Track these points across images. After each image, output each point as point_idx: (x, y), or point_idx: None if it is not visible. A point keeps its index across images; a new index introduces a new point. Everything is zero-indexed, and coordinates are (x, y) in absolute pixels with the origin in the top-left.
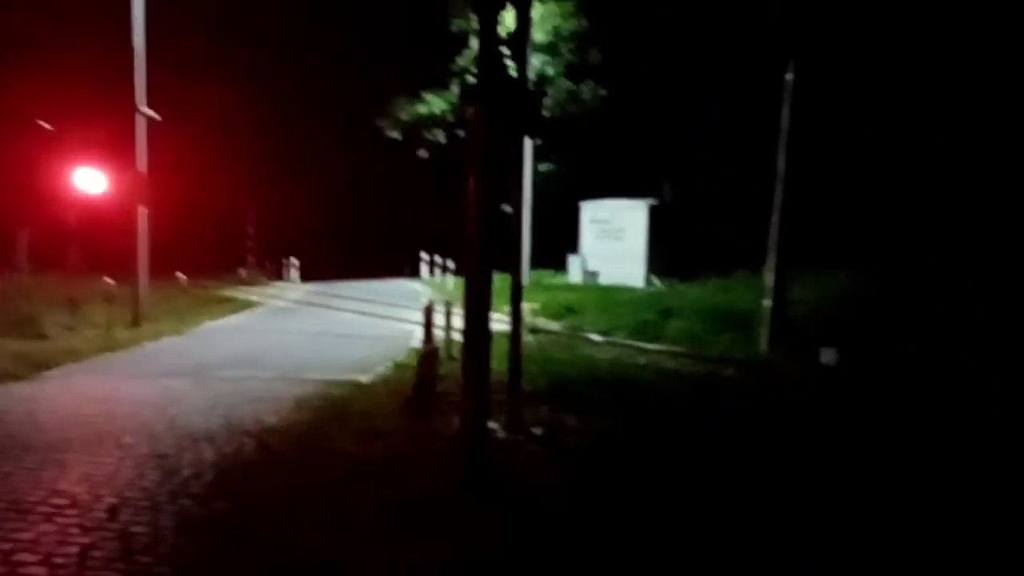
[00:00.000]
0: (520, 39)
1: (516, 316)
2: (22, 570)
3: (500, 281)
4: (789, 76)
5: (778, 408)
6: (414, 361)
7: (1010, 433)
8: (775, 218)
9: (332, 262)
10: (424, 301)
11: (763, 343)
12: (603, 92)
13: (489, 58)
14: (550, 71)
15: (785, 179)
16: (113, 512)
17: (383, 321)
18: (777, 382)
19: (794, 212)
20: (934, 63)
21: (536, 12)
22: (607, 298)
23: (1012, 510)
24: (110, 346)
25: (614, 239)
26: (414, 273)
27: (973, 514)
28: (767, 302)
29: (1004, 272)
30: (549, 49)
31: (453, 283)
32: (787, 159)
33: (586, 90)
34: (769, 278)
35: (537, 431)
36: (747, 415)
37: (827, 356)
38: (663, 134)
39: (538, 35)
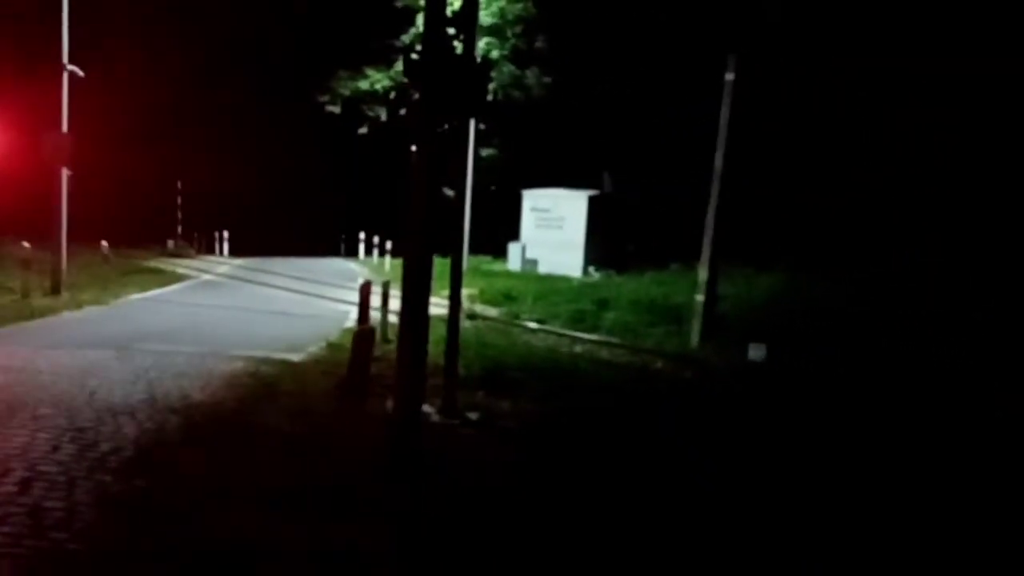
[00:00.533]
0: (467, 17)
1: (455, 300)
2: None
3: (439, 265)
4: (729, 76)
5: (705, 400)
6: (348, 341)
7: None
8: (710, 214)
9: (265, 237)
10: (360, 281)
11: (695, 337)
12: (548, 79)
13: (435, 34)
14: (495, 54)
15: (721, 176)
16: (25, 486)
17: (317, 300)
18: (706, 375)
19: (729, 209)
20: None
21: None
22: (545, 287)
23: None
24: (26, 314)
25: (554, 228)
26: (350, 252)
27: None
28: (699, 297)
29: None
30: (495, 32)
31: (390, 263)
32: (724, 156)
33: (531, 76)
34: (702, 273)
35: (472, 416)
36: (676, 405)
37: (755, 352)
38: (606, 125)
39: (484, 17)
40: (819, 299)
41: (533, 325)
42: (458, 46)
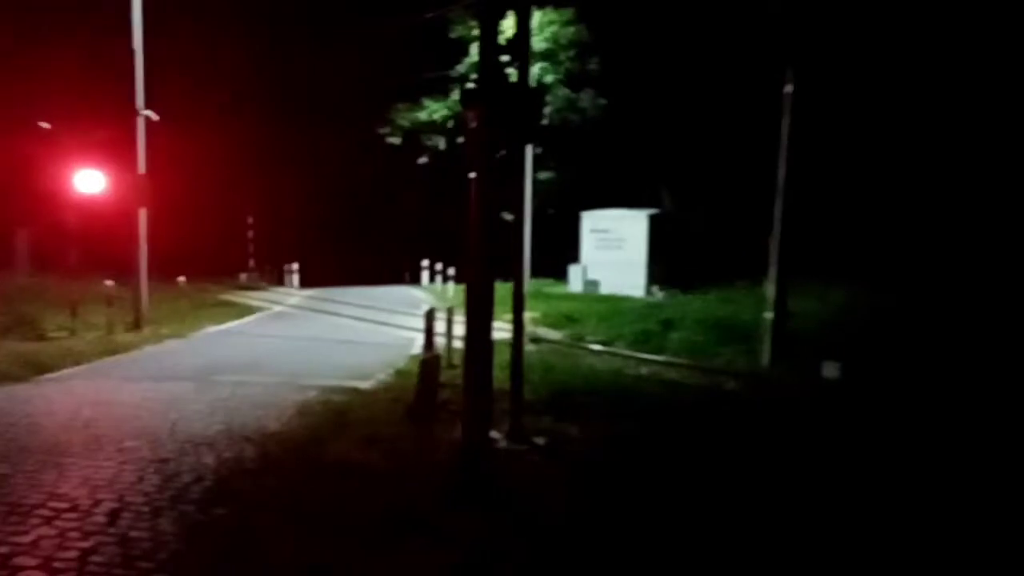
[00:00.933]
0: (520, 44)
1: (518, 324)
2: (21, 574)
3: (501, 289)
4: (788, 88)
5: (780, 421)
6: (415, 368)
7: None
8: (775, 229)
9: (332, 268)
10: (425, 308)
11: (765, 356)
12: (602, 100)
13: (489, 63)
14: (549, 78)
15: (784, 190)
16: (113, 516)
17: (383, 328)
18: (779, 395)
19: (794, 223)
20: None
21: (535, 19)
22: (608, 308)
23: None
24: (111, 349)
25: (615, 248)
26: (414, 280)
27: (982, 528)
28: (768, 314)
29: (1011, 283)
30: (548, 56)
31: (453, 290)
32: (787, 170)
33: (585, 98)
34: (770, 290)
35: (539, 441)
36: (749, 428)
37: (830, 370)
38: (663, 143)
39: (537, 42)
40: (893, 313)
41: (597, 347)
42: (512, 73)
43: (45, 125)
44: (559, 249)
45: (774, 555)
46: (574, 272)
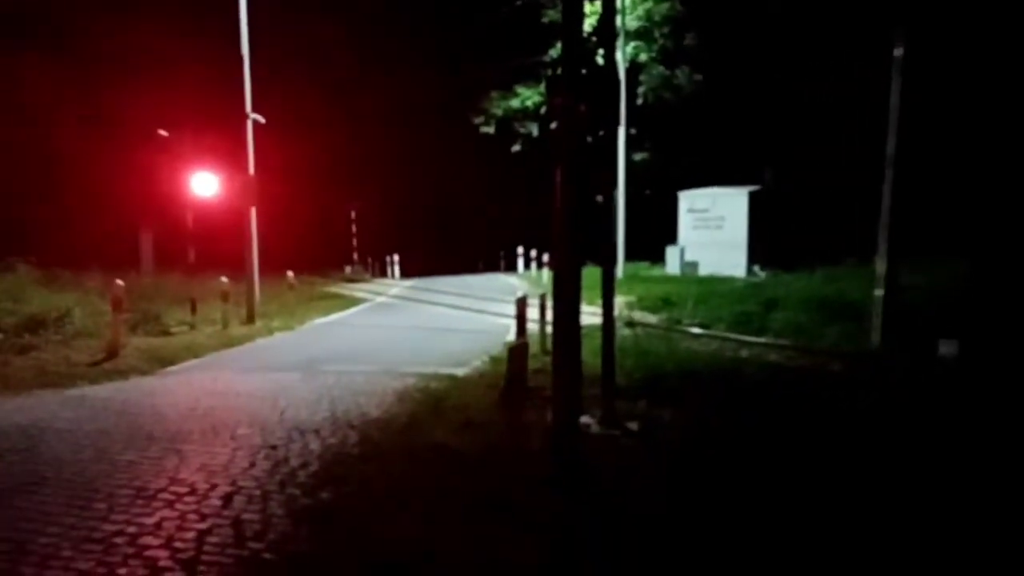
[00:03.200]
0: (607, 26)
1: (608, 308)
2: (147, 553)
3: (593, 273)
4: (898, 51)
5: (892, 405)
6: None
7: None
8: (885, 203)
9: (431, 257)
10: (519, 295)
11: (875, 335)
12: (699, 77)
13: (574, 47)
14: (643, 57)
15: (895, 161)
16: (227, 500)
17: (479, 315)
18: (890, 376)
19: (906, 196)
20: None
21: None
22: (706, 289)
23: None
24: (226, 342)
25: (714, 228)
26: (510, 267)
27: None
28: (879, 291)
29: None
30: (642, 35)
31: (548, 276)
32: (897, 140)
33: (681, 75)
34: (881, 266)
35: (632, 426)
36: (858, 412)
37: (947, 348)
38: (764, 118)
39: (630, 21)
40: (1016, 287)
41: (695, 330)
42: (601, 53)
43: (164, 133)
44: (656, 231)
45: (868, 556)
46: (671, 253)
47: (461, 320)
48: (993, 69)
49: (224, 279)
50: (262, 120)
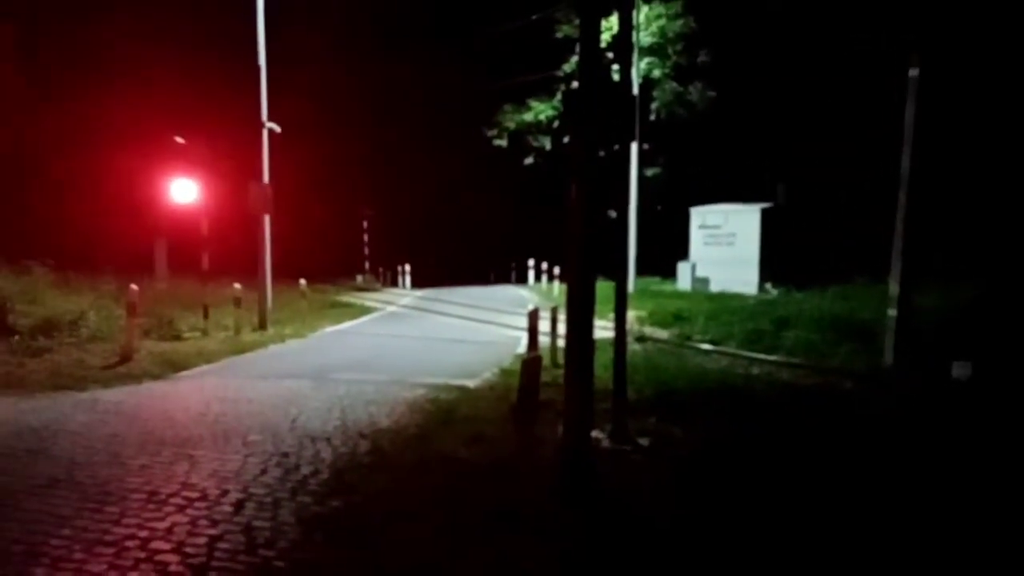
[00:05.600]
0: (623, 42)
1: (620, 323)
2: (158, 557)
3: (605, 288)
4: (914, 72)
5: (903, 426)
6: (519, 367)
7: None
8: (899, 222)
9: (443, 268)
10: (530, 307)
11: (887, 355)
12: (712, 93)
13: (590, 62)
14: (657, 73)
15: (909, 181)
16: (238, 506)
17: (490, 327)
18: (902, 397)
19: (920, 216)
20: None
21: (642, 14)
22: (718, 306)
23: None
24: (238, 348)
25: (725, 244)
26: (521, 279)
27: None
28: (892, 311)
29: None
30: (656, 51)
31: (558, 289)
32: (912, 160)
33: (694, 92)
34: (894, 286)
35: (643, 442)
36: (868, 433)
37: (960, 370)
38: (777, 134)
39: (644, 38)
40: None
41: (706, 346)
42: (616, 69)
43: (180, 140)
44: (668, 246)
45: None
46: (683, 269)
47: (472, 331)
48: (1007, 91)
49: (237, 286)
50: (278, 129)
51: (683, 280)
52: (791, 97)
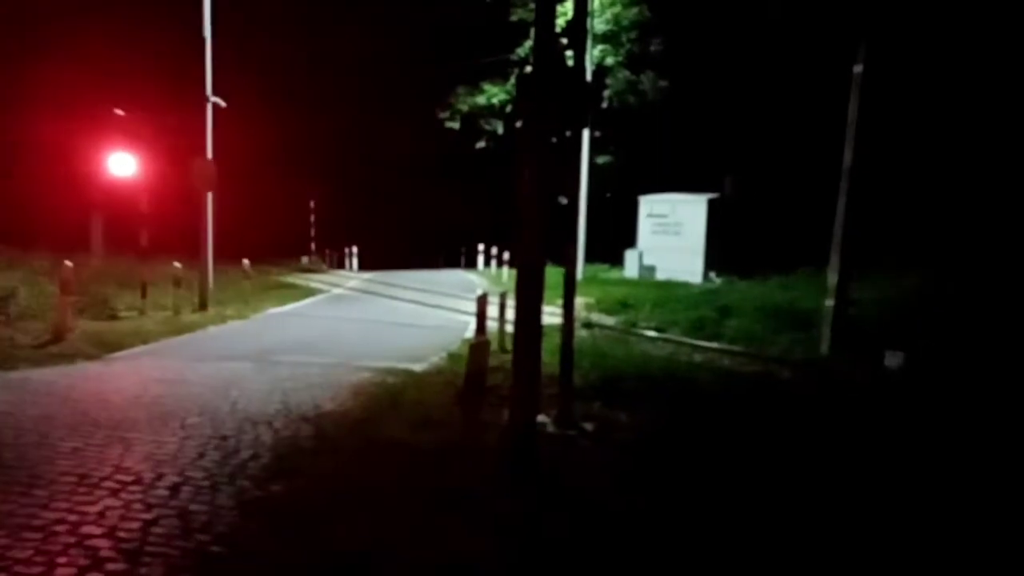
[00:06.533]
0: (578, 28)
1: (569, 309)
2: (88, 542)
3: (554, 274)
4: (858, 68)
5: (837, 412)
6: (467, 352)
7: None
8: (839, 215)
9: (391, 251)
10: (479, 292)
11: (825, 344)
12: (664, 83)
13: (545, 47)
14: (610, 61)
15: (851, 174)
16: (174, 490)
17: (438, 311)
18: (837, 385)
19: (860, 208)
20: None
21: (597, 1)
22: (664, 294)
23: None
24: (177, 329)
25: (672, 234)
26: (470, 264)
27: None
28: (829, 302)
29: None
30: (609, 39)
31: (508, 274)
32: (854, 153)
33: (646, 80)
34: (832, 277)
35: (588, 426)
36: (804, 418)
37: (892, 359)
38: (726, 126)
39: (598, 24)
40: (960, 301)
41: (651, 333)
42: (570, 55)
43: (120, 112)
44: (616, 234)
45: (810, 549)
46: (630, 257)
47: (419, 315)
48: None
49: (177, 264)
50: (223, 104)
51: (631, 268)
52: (741, 89)
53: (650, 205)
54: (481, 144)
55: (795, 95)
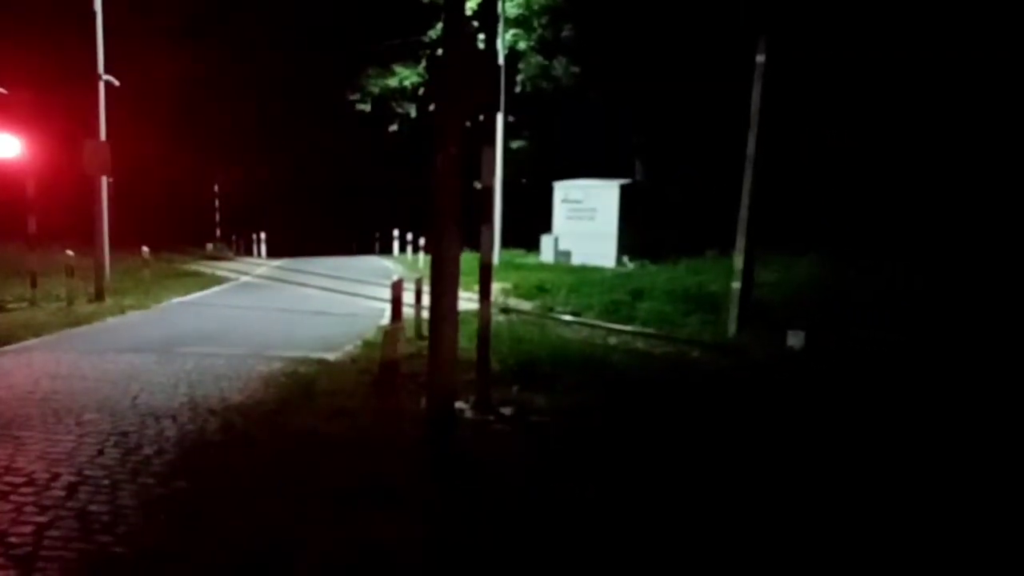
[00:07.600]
0: (489, 11)
1: (485, 294)
2: None
3: (470, 260)
4: (760, 58)
5: (743, 389)
6: (383, 339)
7: (980, 423)
8: (744, 200)
9: (302, 238)
10: (394, 278)
11: (731, 326)
12: (576, 69)
13: (455, 29)
14: (522, 45)
15: (754, 161)
16: (71, 490)
17: (353, 299)
18: (743, 364)
19: (763, 194)
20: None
21: None
22: (579, 278)
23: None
24: (72, 321)
25: (586, 219)
26: (385, 250)
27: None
28: (736, 284)
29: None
30: (521, 23)
31: (424, 260)
32: (757, 141)
33: (559, 66)
34: (738, 260)
35: (506, 411)
36: (713, 396)
37: (794, 339)
38: (637, 112)
39: (510, 8)
40: (859, 285)
41: (567, 317)
42: (481, 38)
43: (1, 90)
44: (532, 219)
45: (730, 526)
46: (546, 242)
47: (333, 303)
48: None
49: (69, 252)
50: (116, 82)
51: (546, 253)
52: (651, 77)
53: (564, 191)
54: (394, 127)
55: (705, 81)
